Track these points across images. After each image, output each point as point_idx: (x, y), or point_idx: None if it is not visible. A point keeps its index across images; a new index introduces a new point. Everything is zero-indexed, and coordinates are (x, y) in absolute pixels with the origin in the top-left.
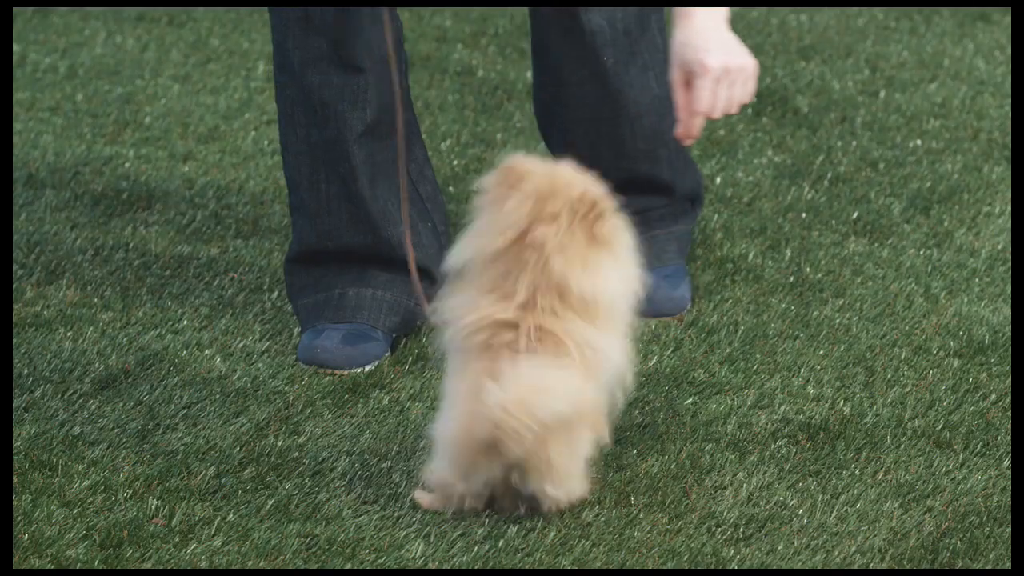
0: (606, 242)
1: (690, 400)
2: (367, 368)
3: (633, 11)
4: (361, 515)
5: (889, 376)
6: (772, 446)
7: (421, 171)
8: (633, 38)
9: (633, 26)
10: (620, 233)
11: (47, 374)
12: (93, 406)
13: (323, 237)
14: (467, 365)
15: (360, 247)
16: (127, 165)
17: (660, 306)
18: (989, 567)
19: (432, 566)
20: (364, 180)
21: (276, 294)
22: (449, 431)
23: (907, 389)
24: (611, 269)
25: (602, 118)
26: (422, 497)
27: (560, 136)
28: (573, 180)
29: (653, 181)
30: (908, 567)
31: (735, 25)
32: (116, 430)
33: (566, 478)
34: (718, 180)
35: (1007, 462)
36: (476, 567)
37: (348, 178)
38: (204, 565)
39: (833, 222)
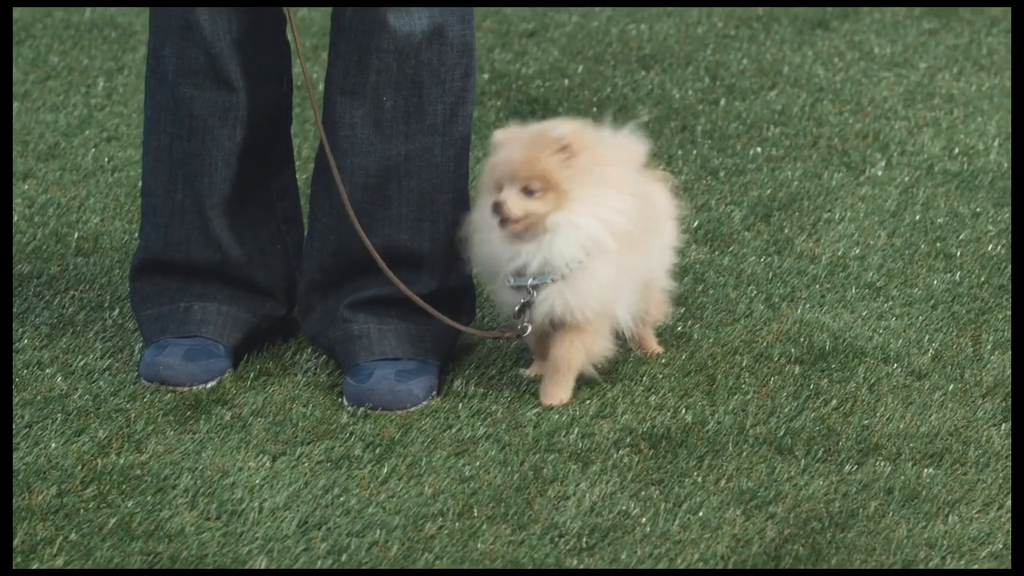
0: None
1: (533, 410)
2: (209, 384)
3: (436, 62)
4: (204, 532)
5: (730, 383)
6: (614, 455)
7: (286, 190)
8: (426, 90)
9: (429, 80)
10: None
11: None
12: None
13: (171, 247)
14: None
15: (207, 263)
16: None
17: (379, 397)
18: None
19: None
20: (219, 198)
21: (117, 312)
22: None
23: (748, 396)
24: None
25: (369, 168)
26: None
27: (326, 188)
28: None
29: (413, 256)
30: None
31: (575, 36)
32: None
33: None
34: None
35: (848, 467)
36: None
37: (204, 193)
38: None
39: None
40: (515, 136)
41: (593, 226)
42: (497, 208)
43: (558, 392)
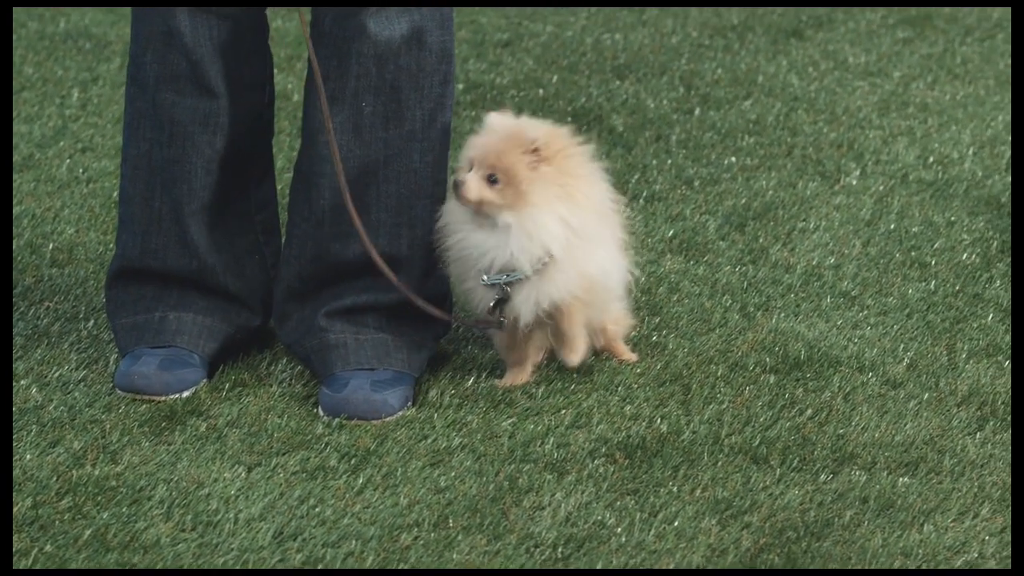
0: None
1: (508, 421)
2: (184, 394)
3: (415, 68)
4: (179, 543)
5: (706, 393)
6: (590, 465)
7: (265, 201)
8: (405, 95)
9: (407, 86)
10: None
11: None
12: None
13: (147, 255)
14: None
15: (183, 271)
16: None
17: (355, 407)
18: None
19: None
20: (198, 205)
21: (92, 323)
22: None
23: (724, 406)
24: None
25: (348, 173)
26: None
27: (306, 193)
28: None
29: (391, 261)
30: None
31: (549, 45)
32: None
33: None
34: None
35: (823, 476)
36: None
37: (183, 200)
38: None
39: (649, 240)
40: (502, 124)
41: (540, 235)
42: (456, 187)
43: (574, 344)
